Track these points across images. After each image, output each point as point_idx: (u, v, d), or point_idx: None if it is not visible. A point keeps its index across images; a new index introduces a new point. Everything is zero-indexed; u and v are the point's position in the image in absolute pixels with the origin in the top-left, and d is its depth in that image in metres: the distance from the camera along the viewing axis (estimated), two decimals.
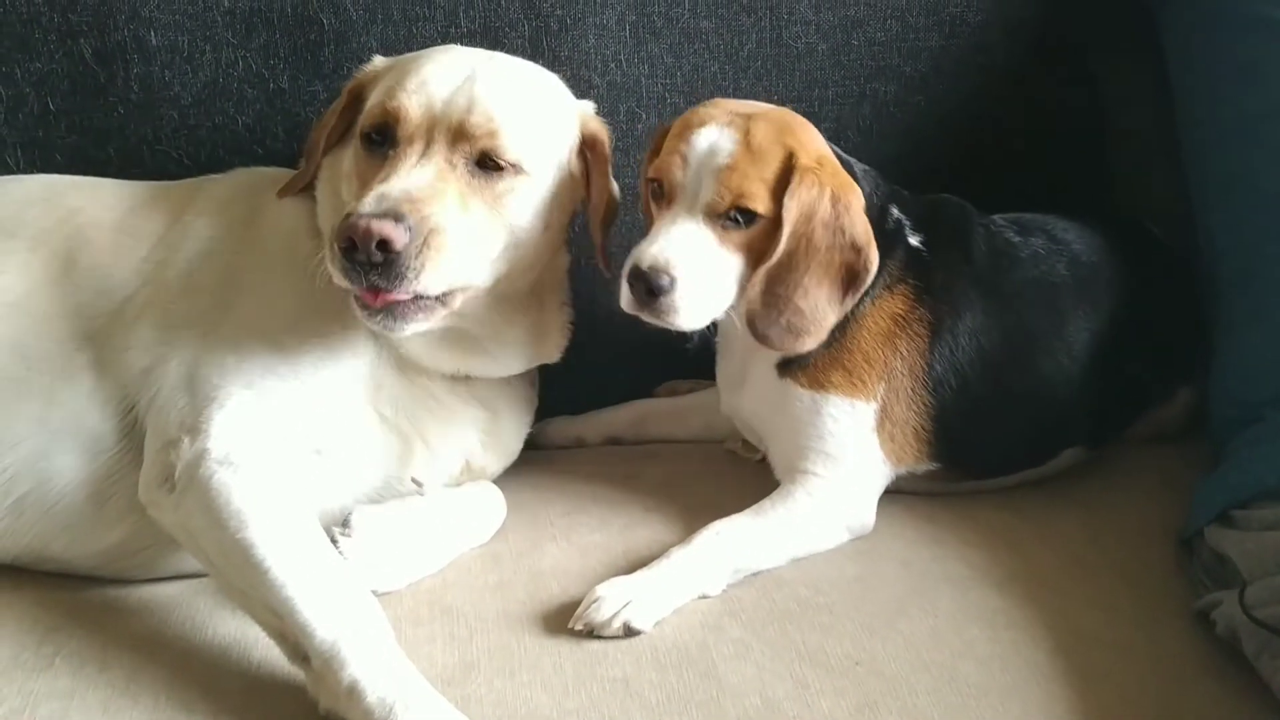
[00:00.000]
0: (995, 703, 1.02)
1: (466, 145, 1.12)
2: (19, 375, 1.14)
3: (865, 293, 1.23)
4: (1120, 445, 1.44)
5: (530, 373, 1.36)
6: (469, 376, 1.26)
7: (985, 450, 1.32)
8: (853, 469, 1.26)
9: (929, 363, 1.26)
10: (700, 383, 1.52)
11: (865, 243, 1.20)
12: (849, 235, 1.19)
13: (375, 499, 1.20)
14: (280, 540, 1.03)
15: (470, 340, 1.23)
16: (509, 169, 1.13)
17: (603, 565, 1.19)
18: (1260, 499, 1.17)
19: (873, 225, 1.22)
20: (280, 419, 1.12)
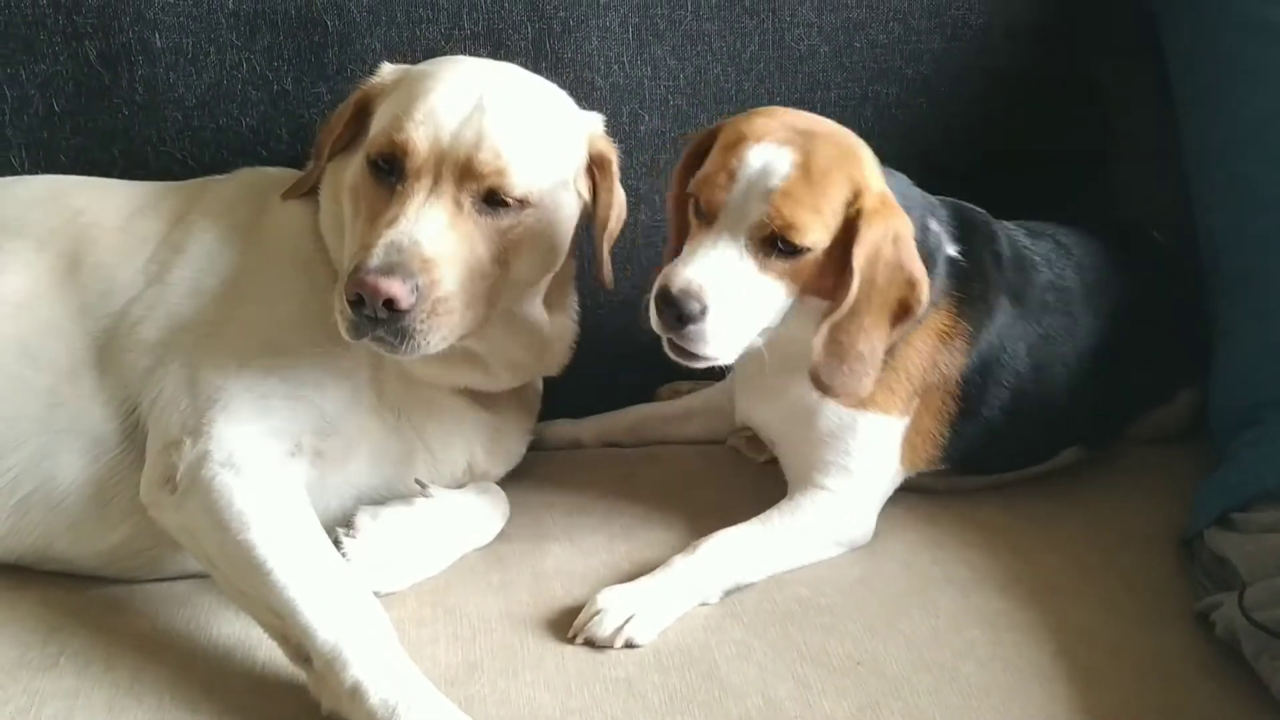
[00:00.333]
0: (997, 703, 1.02)
1: (474, 184, 1.10)
2: (23, 375, 1.14)
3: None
4: (1121, 447, 1.44)
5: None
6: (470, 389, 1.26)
7: (993, 450, 1.31)
8: (865, 483, 1.25)
9: (963, 374, 1.25)
10: (702, 383, 1.52)
11: (920, 276, 1.15)
12: (906, 271, 1.14)
13: (378, 500, 1.20)
14: (282, 541, 1.03)
15: (472, 358, 1.23)
16: (516, 205, 1.12)
17: (605, 566, 1.19)
18: (1260, 501, 1.18)
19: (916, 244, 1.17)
20: (281, 421, 1.12)
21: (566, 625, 1.10)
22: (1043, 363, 1.29)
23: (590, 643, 1.08)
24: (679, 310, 1.08)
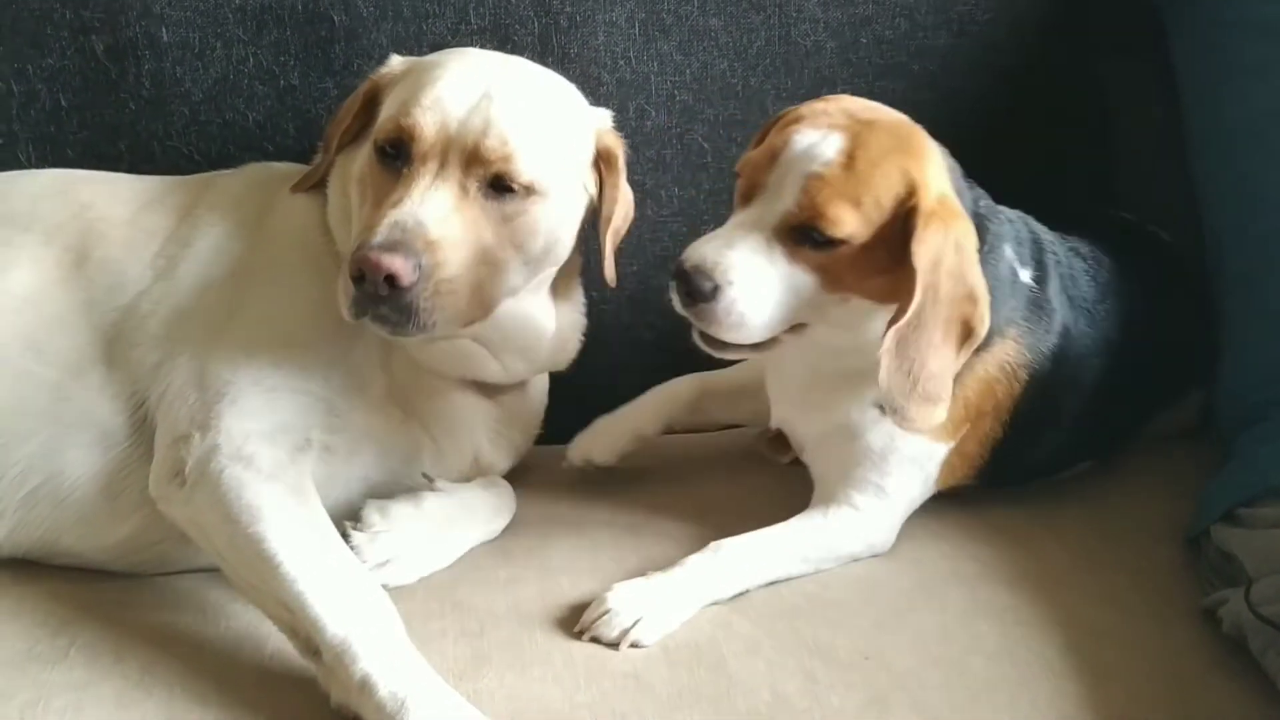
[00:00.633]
0: (1004, 698, 1.02)
1: (481, 169, 1.10)
2: (31, 369, 1.14)
3: (982, 344, 1.13)
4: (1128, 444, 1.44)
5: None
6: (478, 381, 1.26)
7: (1021, 466, 1.29)
8: (897, 503, 1.22)
9: (1017, 403, 1.21)
10: None
11: (981, 292, 1.07)
12: (969, 285, 1.06)
13: (385, 494, 1.20)
14: (291, 535, 1.03)
15: (481, 348, 1.23)
16: (522, 191, 1.12)
17: (613, 561, 1.19)
18: (1266, 497, 1.18)
19: (985, 266, 1.10)
20: (290, 414, 1.12)
21: (574, 620, 1.10)
22: (1079, 381, 1.26)
23: (596, 640, 1.08)
24: (689, 286, 1.06)
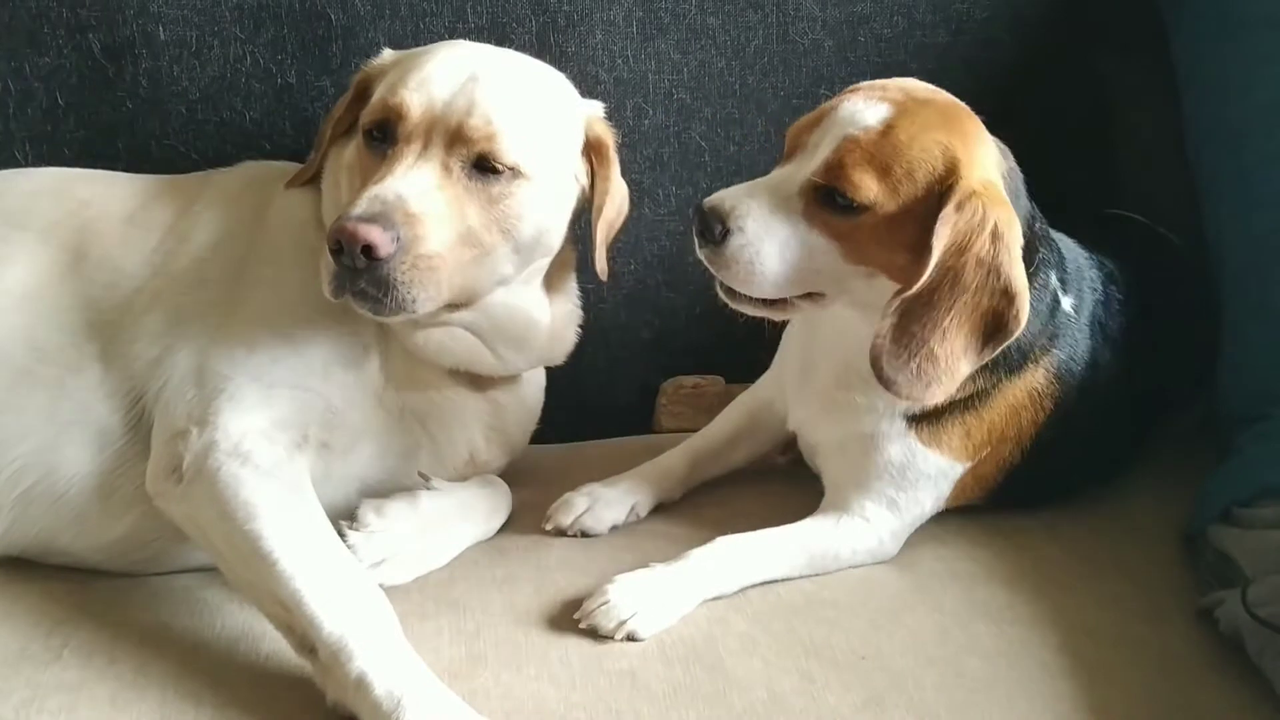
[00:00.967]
0: (1001, 697, 1.02)
1: (464, 148, 1.11)
2: (28, 367, 1.14)
3: (1015, 367, 1.14)
4: None
5: (536, 369, 1.36)
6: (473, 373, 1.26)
7: (1032, 489, 1.26)
8: (907, 518, 1.21)
9: (1040, 431, 1.20)
10: (706, 378, 1.52)
11: (1019, 290, 1.03)
12: (1004, 278, 1.02)
13: (381, 493, 1.20)
14: (288, 532, 1.03)
15: (474, 339, 1.23)
16: (506, 172, 1.12)
17: (608, 559, 1.19)
18: (1264, 497, 1.18)
19: (1031, 289, 1.07)
20: (288, 411, 1.12)
21: (570, 619, 1.10)
22: (1099, 410, 1.24)
23: (592, 630, 1.08)
24: (702, 225, 1.07)
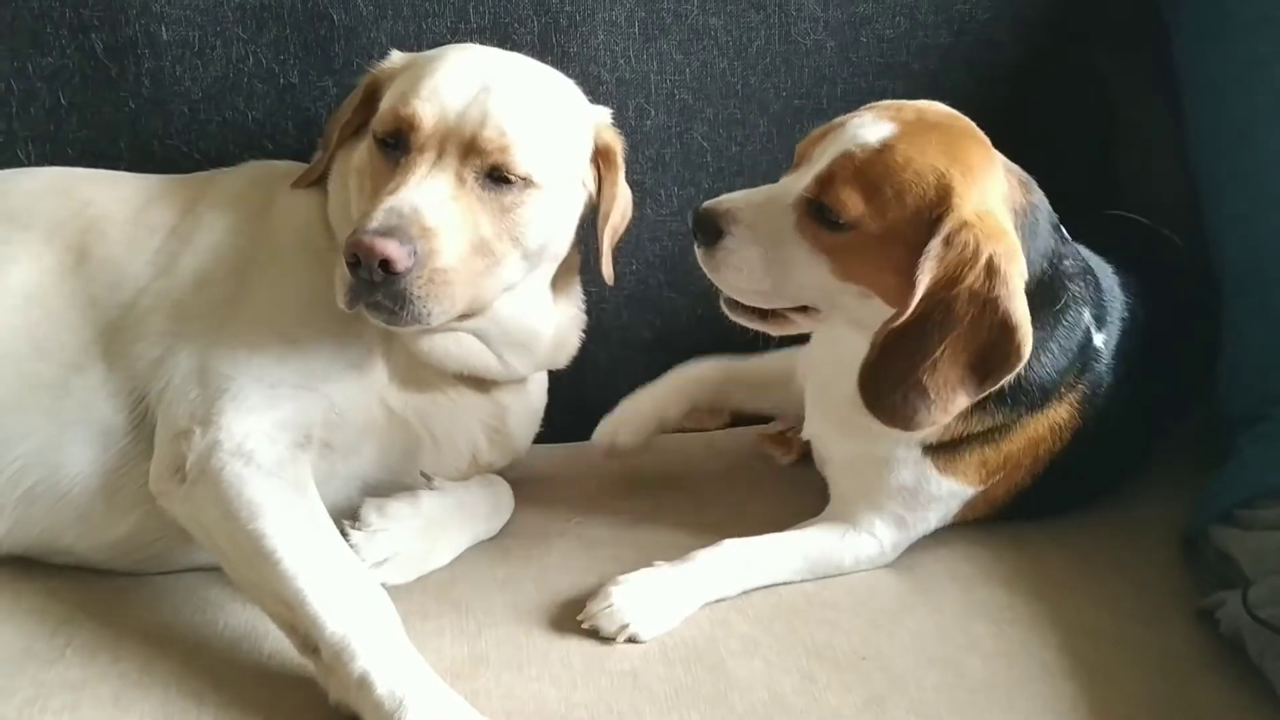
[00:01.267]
0: (1001, 698, 1.03)
1: (478, 159, 1.11)
2: (30, 366, 1.14)
3: (1038, 404, 1.12)
4: None
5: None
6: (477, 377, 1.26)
7: (1035, 507, 1.25)
8: (912, 534, 1.21)
9: (1054, 459, 1.19)
10: None
11: (1019, 323, 0.99)
12: (1001, 312, 0.99)
13: (384, 492, 1.20)
14: (291, 532, 1.03)
15: (480, 344, 1.23)
16: (519, 182, 1.12)
17: (610, 559, 1.19)
18: (1264, 498, 1.18)
19: (1057, 326, 1.08)
20: (291, 411, 1.12)
21: (572, 619, 1.10)
22: (1114, 437, 1.23)
23: (596, 631, 1.08)
24: (694, 225, 1.10)
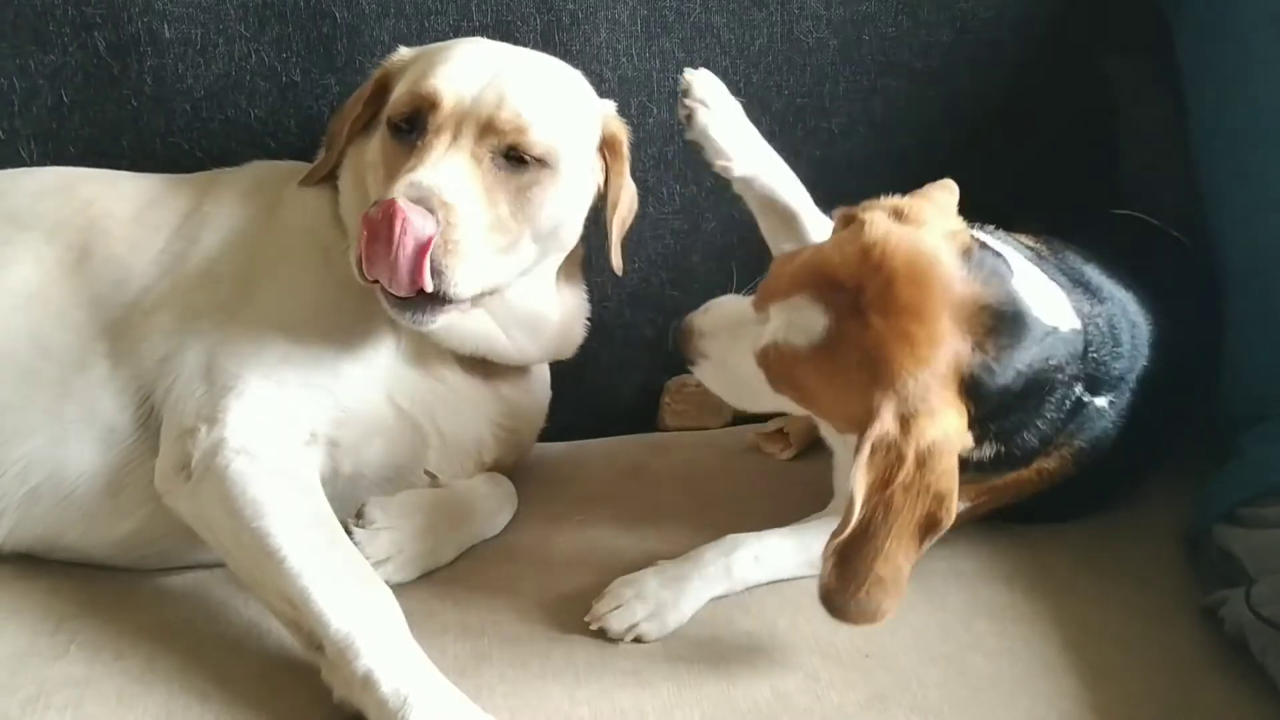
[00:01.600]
0: (1004, 695, 1.03)
1: (494, 139, 1.11)
2: (35, 366, 1.14)
3: (1021, 464, 1.13)
4: None
5: (543, 367, 1.37)
6: (487, 360, 1.26)
7: (1026, 519, 1.25)
8: None
9: (1038, 490, 1.18)
10: None
11: (948, 490, 1.01)
12: (934, 490, 1.01)
13: (389, 490, 1.20)
14: (296, 529, 1.03)
15: (491, 321, 1.23)
16: (534, 163, 1.13)
17: (614, 557, 1.19)
18: (1267, 496, 1.18)
19: (1041, 410, 1.08)
20: (297, 409, 1.12)
21: (575, 616, 1.10)
22: (1106, 466, 1.21)
23: (603, 632, 1.08)
24: (674, 344, 1.16)
